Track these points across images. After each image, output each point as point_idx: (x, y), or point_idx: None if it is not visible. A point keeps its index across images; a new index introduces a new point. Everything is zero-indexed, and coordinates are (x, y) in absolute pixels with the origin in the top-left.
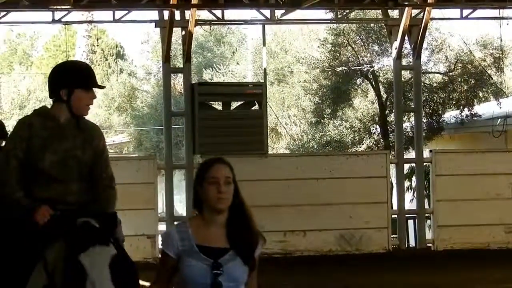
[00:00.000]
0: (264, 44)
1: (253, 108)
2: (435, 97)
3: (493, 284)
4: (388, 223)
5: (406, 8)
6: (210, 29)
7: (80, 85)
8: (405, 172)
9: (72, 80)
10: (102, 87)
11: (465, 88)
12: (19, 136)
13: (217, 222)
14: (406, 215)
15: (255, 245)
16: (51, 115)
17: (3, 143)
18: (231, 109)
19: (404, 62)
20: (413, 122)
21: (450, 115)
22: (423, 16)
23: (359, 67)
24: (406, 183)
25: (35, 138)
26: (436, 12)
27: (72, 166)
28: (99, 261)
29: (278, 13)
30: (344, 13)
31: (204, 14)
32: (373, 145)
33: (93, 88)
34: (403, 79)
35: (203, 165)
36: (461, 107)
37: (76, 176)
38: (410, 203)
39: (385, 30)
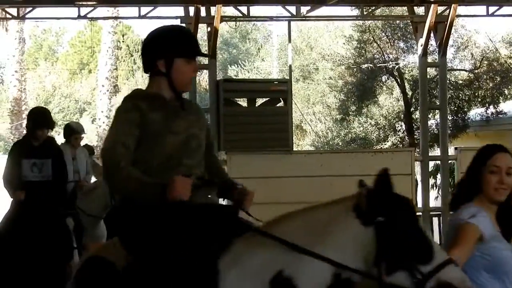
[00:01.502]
0: (289, 40)
1: (278, 105)
2: (460, 95)
3: None
4: None
5: (432, 5)
6: (235, 25)
7: (181, 54)
8: (430, 170)
9: (171, 48)
10: (205, 55)
11: (490, 85)
12: (127, 121)
13: (492, 210)
14: (431, 213)
15: None
16: (152, 94)
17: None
18: (256, 105)
19: (429, 59)
20: (438, 119)
21: (476, 112)
22: (449, 13)
23: (384, 64)
24: (431, 181)
25: (148, 122)
26: (462, 9)
27: (195, 148)
28: None
29: (304, 9)
30: (370, 10)
31: (230, 11)
32: (398, 142)
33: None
34: (428, 76)
35: (484, 151)
36: (487, 104)
37: (197, 159)
38: (435, 200)
39: (411, 27)
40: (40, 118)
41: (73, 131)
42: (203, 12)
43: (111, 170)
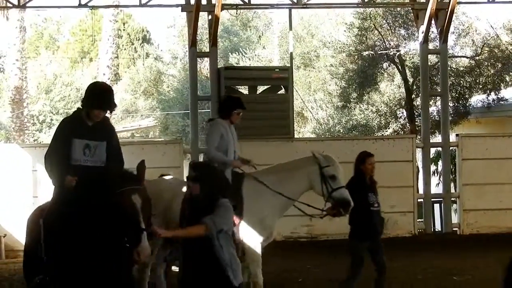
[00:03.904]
0: (290, 28)
1: (279, 92)
2: (461, 81)
3: None
4: (414, 207)
5: None
6: (236, 13)
7: None
8: (431, 156)
9: None
10: None
11: (491, 72)
12: None
13: None
14: (432, 199)
15: None
16: None
17: None
18: (257, 93)
19: (430, 46)
20: (439, 106)
21: (477, 99)
22: (450, 0)
23: (385, 51)
24: (432, 167)
25: None
26: None
27: None
28: None
29: None
30: None
31: None
32: (399, 129)
33: None
34: (429, 63)
35: None
36: (488, 91)
37: None
38: (436, 187)
39: (412, 14)
40: (101, 97)
41: (237, 105)
42: (204, 0)
43: None
